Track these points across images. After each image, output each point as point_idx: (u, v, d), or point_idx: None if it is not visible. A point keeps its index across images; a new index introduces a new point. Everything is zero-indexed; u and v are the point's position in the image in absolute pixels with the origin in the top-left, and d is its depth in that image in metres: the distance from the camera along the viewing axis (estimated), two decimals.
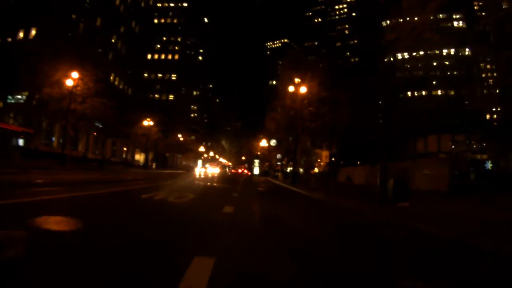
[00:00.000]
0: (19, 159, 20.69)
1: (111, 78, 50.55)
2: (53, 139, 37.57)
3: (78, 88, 27.65)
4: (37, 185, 8.80)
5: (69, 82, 26.48)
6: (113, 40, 50.29)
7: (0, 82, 28.62)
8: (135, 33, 59.49)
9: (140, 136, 47.70)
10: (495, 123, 65.32)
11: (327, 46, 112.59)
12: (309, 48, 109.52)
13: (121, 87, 54.90)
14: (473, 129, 53.78)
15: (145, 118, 47.16)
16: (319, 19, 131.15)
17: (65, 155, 26.56)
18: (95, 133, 45.17)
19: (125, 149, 57.28)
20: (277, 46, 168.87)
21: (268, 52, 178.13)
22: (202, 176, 32.65)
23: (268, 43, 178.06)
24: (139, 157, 64.68)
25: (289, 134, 29.75)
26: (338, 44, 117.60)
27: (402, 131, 43.26)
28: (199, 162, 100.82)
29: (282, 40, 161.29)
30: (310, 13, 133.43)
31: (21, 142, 26.92)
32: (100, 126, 42.12)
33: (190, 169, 66.90)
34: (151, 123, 47.73)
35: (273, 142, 43.15)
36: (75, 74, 26.68)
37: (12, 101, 30.07)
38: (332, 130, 29.75)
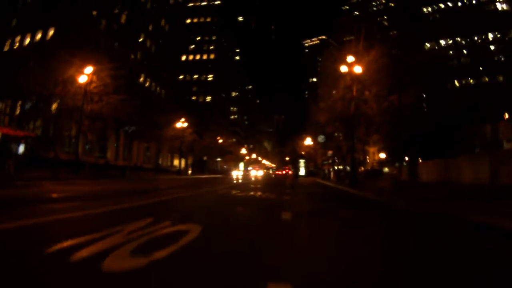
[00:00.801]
0: (13, 168, 16.93)
1: (141, 79, 47.32)
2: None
3: (93, 84, 23.88)
4: None
5: (82, 79, 22.82)
6: (141, 39, 47.00)
7: (13, 87, 25.71)
8: (166, 32, 56.20)
9: (174, 139, 43.56)
10: None
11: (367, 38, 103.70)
12: (347, 42, 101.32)
13: (152, 89, 51.66)
14: None
15: (178, 120, 42.94)
16: (357, 13, 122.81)
17: (79, 161, 22.83)
18: (124, 138, 41.88)
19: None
20: (315, 43, 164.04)
21: (306, 50, 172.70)
22: (241, 181, 27.63)
23: (306, 41, 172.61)
24: (177, 162, 61.37)
25: (344, 123, 23.67)
26: (378, 36, 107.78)
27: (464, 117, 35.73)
28: (241, 165, 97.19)
29: (320, 37, 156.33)
30: (347, 7, 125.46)
31: (21, 148, 23.67)
32: (129, 130, 38.71)
33: (228, 173, 62.34)
34: (185, 124, 43.44)
35: (321, 138, 37.01)
36: (88, 69, 22.95)
37: (27, 106, 27.21)
38: (399, 115, 23.01)
